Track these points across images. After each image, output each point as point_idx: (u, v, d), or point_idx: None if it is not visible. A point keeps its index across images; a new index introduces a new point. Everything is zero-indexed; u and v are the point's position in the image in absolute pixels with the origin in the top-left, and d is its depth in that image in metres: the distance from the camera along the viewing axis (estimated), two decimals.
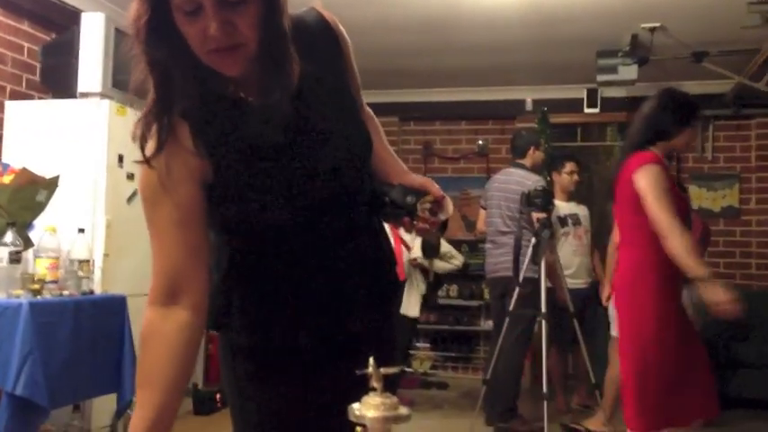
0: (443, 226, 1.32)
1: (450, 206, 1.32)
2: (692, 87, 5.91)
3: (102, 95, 3.86)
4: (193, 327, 1.20)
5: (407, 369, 5.79)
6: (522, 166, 4.49)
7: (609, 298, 4.29)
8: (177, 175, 1.16)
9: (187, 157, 1.16)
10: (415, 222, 1.28)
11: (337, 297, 1.29)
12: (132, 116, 3.97)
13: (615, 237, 4.23)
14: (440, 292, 6.27)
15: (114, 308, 3.45)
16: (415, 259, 4.70)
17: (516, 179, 4.41)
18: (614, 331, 4.27)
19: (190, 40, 1.10)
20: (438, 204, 1.29)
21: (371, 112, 1.43)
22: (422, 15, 4.52)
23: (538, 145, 4.63)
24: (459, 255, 5.09)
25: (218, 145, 1.17)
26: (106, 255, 3.78)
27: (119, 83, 3.95)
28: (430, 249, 4.69)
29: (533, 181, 4.33)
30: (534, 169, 4.54)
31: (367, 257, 1.32)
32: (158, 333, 1.20)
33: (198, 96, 1.16)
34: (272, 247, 1.26)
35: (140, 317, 4.11)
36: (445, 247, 4.85)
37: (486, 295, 6.00)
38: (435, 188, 1.30)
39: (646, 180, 2.66)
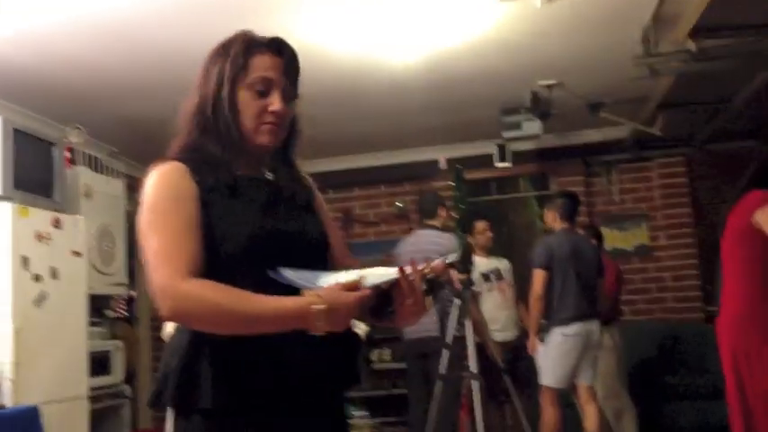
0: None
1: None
2: (593, 135, 6.23)
3: (3, 198, 3.73)
4: None
5: None
6: (433, 227, 4.54)
7: (535, 348, 4.35)
8: (191, 192, 1.39)
9: (193, 184, 1.40)
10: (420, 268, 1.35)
11: (311, 356, 1.35)
12: (35, 216, 3.84)
13: (536, 287, 4.32)
14: (373, 357, 6.23)
15: (27, 420, 3.26)
16: None
17: (429, 239, 4.44)
18: (542, 380, 4.31)
19: (247, 112, 1.44)
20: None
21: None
22: (331, 87, 4.59)
23: (445, 204, 4.71)
24: (363, 324, 4.98)
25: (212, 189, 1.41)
26: (17, 363, 3.58)
27: (20, 183, 3.83)
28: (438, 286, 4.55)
29: (447, 239, 4.39)
30: (444, 229, 4.61)
31: None
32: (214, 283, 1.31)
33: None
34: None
35: (58, 424, 3.86)
36: None
37: None
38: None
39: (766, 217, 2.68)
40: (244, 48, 1.47)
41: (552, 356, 4.24)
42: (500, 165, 6.08)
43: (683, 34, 3.69)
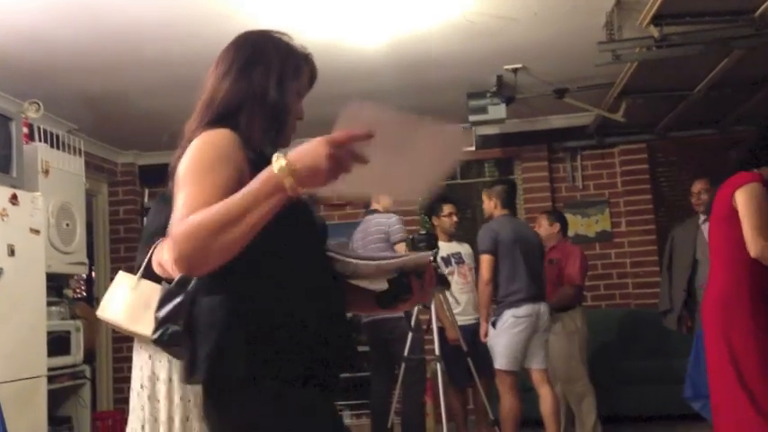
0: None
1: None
2: (558, 121, 6.28)
3: None
4: None
5: None
6: (376, 211, 4.67)
7: (487, 334, 4.38)
8: (240, 160, 1.38)
9: (243, 155, 1.40)
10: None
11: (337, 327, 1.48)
12: None
13: (484, 272, 4.36)
14: None
15: None
16: None
17: (375, 222, 4.58)
18: (496, 364, 4.34)
19: (294, 107, 1.57)
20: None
21: None
22: None
23: None
24: None
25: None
26: None
27: None
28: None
29: (390, 218, 4.53)
30: (387, 211, 4.72)
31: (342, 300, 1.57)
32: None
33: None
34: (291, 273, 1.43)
35: (16, 404, 3.77)
36: None
37: None
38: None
39: (745, 197, 2.74)
40: (303, 56, 1.59)
41: (504, 339, 4.29)
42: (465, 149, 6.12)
43: (645, 20, 3.73)
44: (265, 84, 1.51)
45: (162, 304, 1.57)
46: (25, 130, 4.38)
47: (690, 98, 5.06)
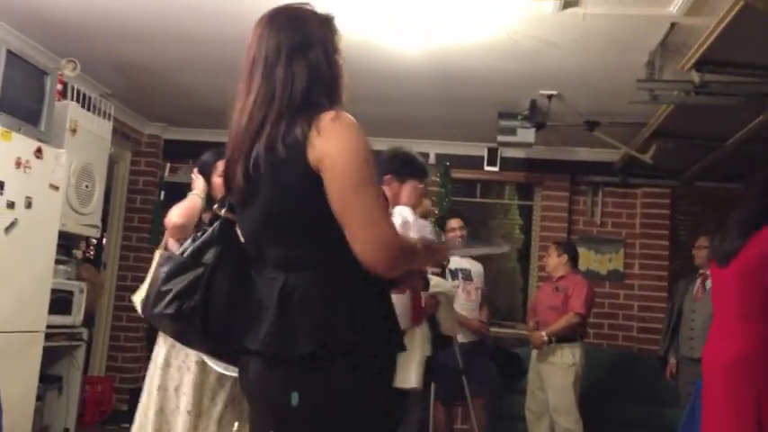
0: None
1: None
2: (585, 154, 6.26)
3: None
4: None
5: None
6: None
7: None
8: None
9: None
10: None
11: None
12: (18, 142, 3.78)
13: None
14: None
15: None
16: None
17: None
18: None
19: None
20: None
21: None
22: None
23: None
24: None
25: None
26: None
27: (6, 106, 3.77)
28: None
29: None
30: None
31: None
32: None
33: None
34: None
35: (10, 356, 3.78)
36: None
37: None
38: None
39: None
40: (334, 24, 1.64)
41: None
42: (489, 168, 6.11)
43: (688, 64, 3.70)
44: (321, 62, 1.57)
45: (174, 276, 1.45)
46: (59, 87, 4.42)
47: (721, 149, 5.01)
